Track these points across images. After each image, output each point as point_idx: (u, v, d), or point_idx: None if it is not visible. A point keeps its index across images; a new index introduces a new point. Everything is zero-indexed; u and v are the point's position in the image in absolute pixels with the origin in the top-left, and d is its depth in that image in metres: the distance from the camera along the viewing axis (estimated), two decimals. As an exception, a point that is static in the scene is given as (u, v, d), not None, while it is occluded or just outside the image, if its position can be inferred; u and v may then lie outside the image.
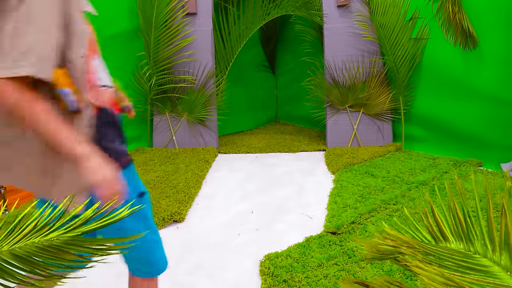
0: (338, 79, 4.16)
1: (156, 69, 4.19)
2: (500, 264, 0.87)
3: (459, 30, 3.56)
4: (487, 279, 0.80)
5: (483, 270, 0.85)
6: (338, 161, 3.75)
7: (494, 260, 0.89)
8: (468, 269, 0.85)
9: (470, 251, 0.96)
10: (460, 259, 0.89)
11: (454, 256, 0.91)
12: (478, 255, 0.93)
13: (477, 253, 0.94)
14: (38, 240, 0.93)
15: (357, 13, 4.06)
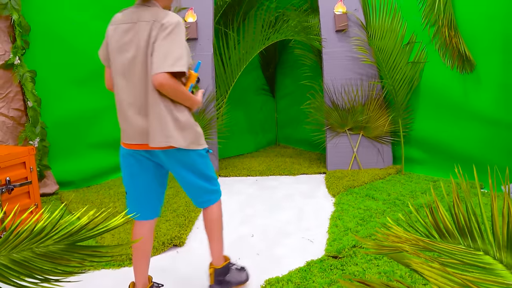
0: (338, 102, 4.19)
1: (157, 93, 4.22)
2: (503, 261, 0.86)
3: (456, 54, 3.61)
4: (490, 277, 0.79)
5: (486, 267, 0.84)
6: (339, 184, 3.74)
7: (497, 257, 0.88)
8: (471, 266, 0.84)
9: (473, 249, 0.95)
10: (463, 256, 0.89)
11: (457, 253, 0.90)
12: (481, 252, 0.92)
13: (480, 250, 0.93)
14: (36, 247, 0.94)
15: (355, 38, 4.13)
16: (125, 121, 1.87)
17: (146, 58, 1.76)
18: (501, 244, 0.90)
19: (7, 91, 3.52)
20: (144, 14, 1.82)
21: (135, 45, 1.80)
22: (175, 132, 1.79)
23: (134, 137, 1.86)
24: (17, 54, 3.49)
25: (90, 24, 3.93)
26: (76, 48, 3.85)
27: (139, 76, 1.80)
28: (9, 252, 0.93)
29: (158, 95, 1.76)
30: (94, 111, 4.03)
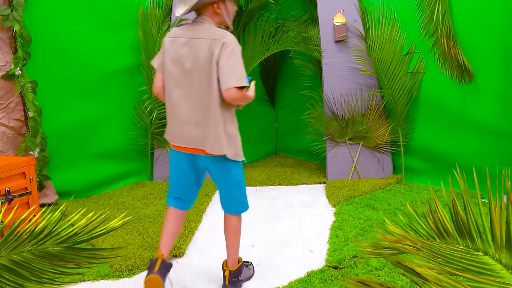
0: (337, 112, 4.20)
1: (157, 104, 4.24)
2: (502, 262, 0.86)
3: (454, 64, 3.63)
4: (489, 277, 0.79)
5: (485, 268, 0.84)
6: (339, 194, 3.74)
7: (496, 258, 0.88)
8: (470, 267, 0.83)
9: (472, 249, 0.95)
10: (462, 257, 0.88)
11: (456, 253, 0.90)
12: (480, 252, 0.92)
13: (479, 250, 0.93)
14: (35, 248, 0.94)
15: (355, 48, 4.15)
16: (180, 127, 2.11)
17: (209, 74, 1.98)
18: (499, 245, 0.90)
19: (7, 101, 3.53)
20: (200, 31, 2.02)
21: (192, 59, 2.01)
22: (225, 143, 2.05)
23: (187, 142, 2.12)
24: (18, 64, 3.51)
25: (91, 35, 3.96)
26: (77, 59, 3.88)
27: (199, 90, 2.04)
28: (9, 253, 0.93)
29: (216, 108, 2.02)
30: (94, 121, 4.04)
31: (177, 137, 2.14)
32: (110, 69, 4.10)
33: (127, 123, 4.31)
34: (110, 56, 4.10)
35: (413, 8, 3.93)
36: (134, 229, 3.09)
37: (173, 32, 2.12)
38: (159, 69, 2.20)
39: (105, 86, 4.09)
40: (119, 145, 4.28)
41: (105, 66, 4.07)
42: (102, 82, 4.07)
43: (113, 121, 4.19)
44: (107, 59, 4.08)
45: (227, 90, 1.94)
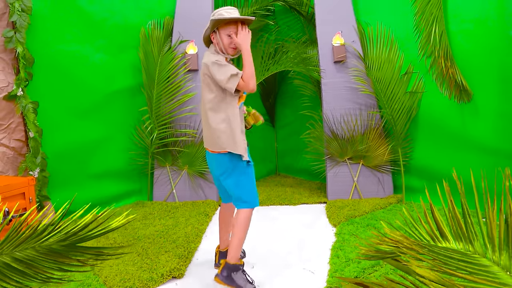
0: (337, 131, 4.22)
1: (158, 123, 4.26)
2: (499, 264, 0.85)
3: (453, 84, 3.67)
4: (487, 279, 0.78)
5: (482, 270, 0.83)
6: (339, 214, 3.72)
7: (493, 260, 0.87)
8: (467, 268, 0.83)
9: (470, 251, 0.94)
10: (459, 259, 0.88)
11: (454, 256, 0.89)
12: (477, 255, 0.91)
13: (477, 253, 0.92)
14: (38, 245, 0.93)
15: (353, 69, 4.19)
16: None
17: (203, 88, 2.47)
18: (496, 247, 0.90)
19: (9, 122, 3.55)
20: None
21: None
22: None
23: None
24: (20, 85, 3.54)
25: (93, 57, 4.01)
26: (79, 80, 3.92)
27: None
28: (12, 250, 0.92)
29: (205, 112, 2.48)
30: (94, 141, 4.06)
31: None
32: (111, 90, 4.14)
33: (128, 143, 4.32)
34: (112, 77, 4.14)
35: (410, 29, 3.99)
36: (133, 249, 3.07)
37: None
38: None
39: (106, 106, 4.12)
40: (119, 165, 4.28)
41: (106, 86, 4.11)
42: (103, 102, 4.10)
43: (113, 141, 4.21)
44: (109, 80, 4.12)
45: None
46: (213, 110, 2.41)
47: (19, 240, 0.97)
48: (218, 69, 2.35)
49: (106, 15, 4.09)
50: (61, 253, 0.96)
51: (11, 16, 3.47)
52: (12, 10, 3.46)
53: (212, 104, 2.41)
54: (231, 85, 2.32)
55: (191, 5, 4.38)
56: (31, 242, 0.97)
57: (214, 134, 2.40)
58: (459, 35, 3.65)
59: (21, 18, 3.49)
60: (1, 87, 3.47)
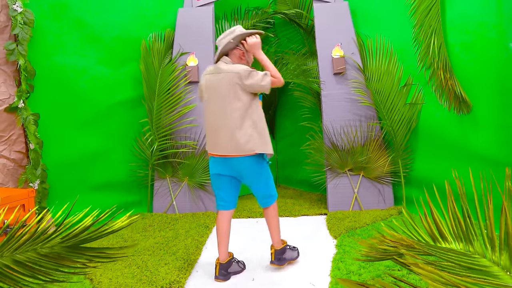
0: (337, 143, 4.22)
1: (158, 135, 4.27)
2: (499, 264, 0.85)
3: (452, 96, 3.68)
4: (487, 279, 0.77)
5: (482, 270, 0.83)
6: (340, 226, 3.70)
7: (493, 260, 0.87)
8: (467, 269, 0.82)
9: (470, 251, 0.94)
10: (459, 259, 0.87)
11: (454, 256, 0.89)
12: (477, 255, 0.91)
13: (477, 253, 0.92)
14: (40, 247, 0.92)
15: (353, 80, 4.22)
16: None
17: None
18: (497, 247, 0.90)
19: (9, 133, 3.56)
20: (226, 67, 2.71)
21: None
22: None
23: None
24: (22, 97, 3.56)
25: (94, 69, 4.04)
26: (80, 92, 3.94)
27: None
28: (12, 252, 0.91)
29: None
30: (95, 153, 4.06)
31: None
32: (112, 102, 4.16)
33: (128, 155, 4.32)
34: (112, 89, 4.16)
35: (409, 41, 4.02)
36: (133, 262, 3.05)
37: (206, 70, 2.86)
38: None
39: (106, 118, 4.13)
40: (120, 177, 4.28)
41: (107, 98, 4.12)
42: (103, 114, 4.11)
43: (113, 153, 4.21)
44: (109, 92, 4.14)
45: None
46: (241, 118, 2.59)
47: (19, 242, 0.97)
48: (251, 74, 2.61)
49: (107, 28, 4.13)
50: (64, 255, 0.96)
51: (13, 29, 3.50)
52: (15, 23, 3.50)
53: (240, 112, 2.59)
54: (266, 82, 2.60)
55: (191, 17, 4.42)
56: (33, 244, 0.97)
57: (242, 139, 2.58)
58: (457, 47, 3.68)
59: (23, 31, 3.52)
60: (2, 99, 3.49)
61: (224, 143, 2.63)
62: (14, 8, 3.48)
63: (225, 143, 2.63)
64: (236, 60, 2.79)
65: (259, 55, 2.77)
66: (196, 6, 4.45)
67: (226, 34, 2.74)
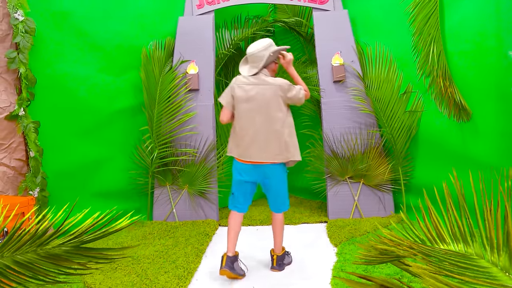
0: (337, 150, 4.22)
1: (158, 143, 4.27)
2: (498, 265, 0.85)
3: (452, 103, 3.69)
4: (486, 280, 0.77)
5: (481, 271, 0.82)
6: (340, 233, 3.69)
7: (492, 261, 0.87)
8: (467, 270, 0.82)
9: (468, 253, 0.93)
10: (458, 260, 0.87)
11: (453, 257, 0.88)
12: (476, 256, 0.91)
13: (476, 254, 0.91)
14: (40, 248, 0.91)
15: (353, 88, 4.23)
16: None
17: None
18: (495, 248, 0.89)
19: (10, 141, 3.56)
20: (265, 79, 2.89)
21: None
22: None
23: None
24: (22, 105, 3.57)
25: (94, 77, 4.05)
26: (80, 100, 3.95)
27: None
28: (13, 253, 0.91)
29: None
30: (95, 161, 4.06)
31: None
32: (113, 110, 4.17)
33: (128, 163, 4.32)
34: (113, 97, 4.17)
35: (409, 49, 4.04)
36: (133, 270, 3.04)
37: (239, 81, 2.95)
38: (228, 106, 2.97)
39: (107, 126, 4.14)
40: (120, 185, 4.27)
41: (108, 106, 4.13)
42: (104, 122, 4.12)
43: (114, 160, 4.21)
44: (110, 100, 4.15)
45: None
46: (283, 127, 2.81)
47: (20, 243, 0.96)
48: (291, 87, 2.86)
49: (108, 36, 4.15)
50: (63, 256, 0.95)
51: (15, 37, 3.52)
52: (16, 32, 3.52)
53: (281, 122, 2.81)
54: (302, 95, 2.87)
55: (192, 26, 4.44)
56: (33, 245, 0.96)
57: (283, 147, 2.80)
58: (457, 55, 3.69)
59: (25, 39, 3.54)
60: (3, 107, 3.50)
61: (261, 151, 2.81)
62: (15, 17, 3.51)
63: (263, 151, 2.80)
64: (270, 73, 2.96)
65: (292, 70, 3.00)
66: (197, 14, 4.47)
67: (263, 47, 2.85)
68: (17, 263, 0.92)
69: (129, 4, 4.30)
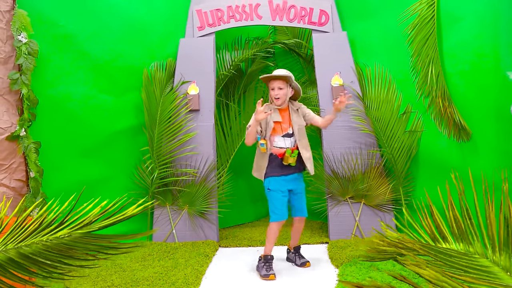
0: (338, 170, 4.22)
1: (159, 163, 4.27)
2: (499, 264, 0.84)
3: (451, 123, 3.70)
4: (487, 279, 0.76)
5: (482, 270, 0.81)
6: (342, 254, 3.65)
7: (494, 260, 0.86)
8: (468, 268, 0.81)
9: (470, 252, 0.92)
10: (460, 258, 0.86)
11: (454, 255, 0.87)
12: (477, 255, 0.90)
13: (477, 253, 0.91)
14: (46, 238, 0.88)
15: (353, 108, 4.25)
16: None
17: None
18: (497, 247, 0.89)
19: (10, 162, 3.56)
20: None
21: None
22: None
23: None
24: (24, 126, 3.59)
25: (96, 97, 4.08)
26: (82, 121, 3.97)
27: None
28: (17, 245, 0.88)
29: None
30: (95, 182, 4.05)
31: None
32: (113, 130, 4.18)
33: (128, 183, 4.31)
34: (114, 118, 4.20)
35: (407, 70, 4.08)
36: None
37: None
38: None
39: (107, 146, 4.15)
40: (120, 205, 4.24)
41: (109, 127, 4.15)
42: (105, 142, 4.13)
43: (114, 181, 4.20)
44: (111, 121, 4.17)
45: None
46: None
47: (26, 232, 0.93)
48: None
49: (110, 57, 4.20)
50: (72, 246, 0.93)
51: (18, 59, 3.57)
52: (19, 53, 3.56)
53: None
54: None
55: (193, 47, 4.50)
56: (39, 236, 0.94)
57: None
58: (455, 76, 3.72)
59: (27, 61, 3.58)
60: (5, 127, 3.51)
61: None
62: (19, 39, 3.56)
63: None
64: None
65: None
66: (198, 36, 4.54)
67: (291, 77, 3.34)
68: (24, 256, 0.89)
69: (131, 26, 4.36)
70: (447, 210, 1.11)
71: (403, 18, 4.04)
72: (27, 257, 0.89)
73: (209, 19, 4.53)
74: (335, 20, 4.45)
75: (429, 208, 1.19)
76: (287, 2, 4.50)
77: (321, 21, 4.45)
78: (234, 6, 4.51)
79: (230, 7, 4.51)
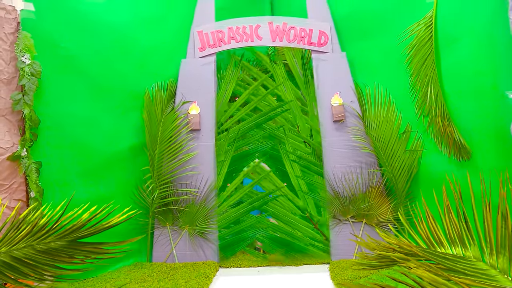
0: (339, 190, 4.21)
1: (159, 183, 4.27)
2: (497, 267, 0.84)
3: (451, 142, 3.71)
4: (485, 282, 0.76)
5: (480, 273, 0.81)
6: (344, 275, 3.61)
7: (490, 263, 0.86)
8: (465, 271, 0.80)
9: (467, 256, 0.92)
10: (457, 263, 0.85)
11: (452, 260, 0.87)
12: (474, 259, 0.89)
13: (474, 257, 0.90)
14: (37, 243, 0.90)
15: (353, 128, 4.27)
16: None
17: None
18: (494, 251, 0.89)
19: (11, 182, 3.56)
20: None
21: None
22: None
23: None
24: (25, 146, 3.59)
25: (97, 117, 4.10)
26: (83, 141, 3.98)
27: None
28: (10, 249, 0.90)
29: None
30: (95, 201, 4.03)
31: None
32: (114, 150, 4.19)
33: (129, 202, 4.29)
34: (115, 137, 4.21)
35: (407, 90, 4.11)
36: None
37: None
38: None
39: (108, 166, 4.15)
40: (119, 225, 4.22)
41: (110, 147, 4.16)
42: (106, 162, 4.13)
43: (114, 200, 4.18)
44: (112, 141, 4.18)
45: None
46: None
47: (17, 238, 0.95)
48: None
49: (112, 78, 4.24)
50: (60, 251, 0.94)
51: (21, 80, 3.60)
52: (22, 74, 3.60)
53: None
54: None
55: (194, 68, 4.55)
56: (30, 240, 0.96)
57: None
58: (454, 95, 3.75)
59: (30, 82, 3.62)
60: (6, 147, 3.52)
61: None
62: (22, 60, 3.60)
63: None
64: None
65: None
66: (199, 57, 4.59)
67: None
68: (15, 259, 0.91)
69: (133, 47, 4.42)
70: (443, 215, 1.12)
71: (401, 39, 4.09)
72: (19, 261, 0.92)
73: (210, 40, 4.59)
74: (334, 41, 4.52)
75: (425, 214, 1.21)
76: (287, 24, 4.57)
77: (320, 42, 4.51)
78: (234, 28, 4.58)
79: (230, 28, 4.58)
